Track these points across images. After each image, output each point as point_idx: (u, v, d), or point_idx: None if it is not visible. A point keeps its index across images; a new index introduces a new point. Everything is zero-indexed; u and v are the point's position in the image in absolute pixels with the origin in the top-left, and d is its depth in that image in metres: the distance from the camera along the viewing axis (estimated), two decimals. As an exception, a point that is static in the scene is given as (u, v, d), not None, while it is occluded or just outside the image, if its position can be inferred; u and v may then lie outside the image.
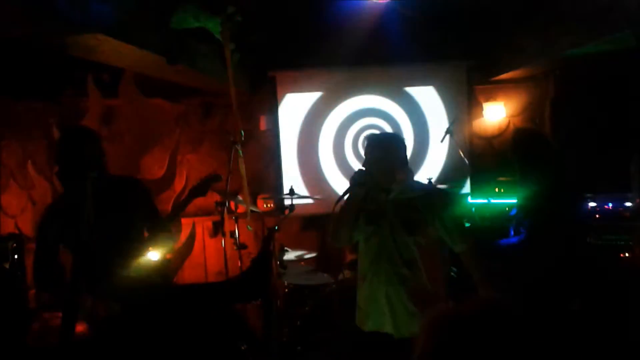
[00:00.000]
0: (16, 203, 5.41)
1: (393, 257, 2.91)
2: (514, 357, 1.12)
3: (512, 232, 4.40)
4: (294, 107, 7.01)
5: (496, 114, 7.04)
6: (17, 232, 4.92)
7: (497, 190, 6.22)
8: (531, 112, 7.09)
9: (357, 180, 2.88)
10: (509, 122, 7.10)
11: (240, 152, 4.51)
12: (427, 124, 7.07)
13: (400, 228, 2.90)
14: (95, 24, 3.34)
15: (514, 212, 5.30)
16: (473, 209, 6.23)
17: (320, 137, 7.03)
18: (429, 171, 6.85)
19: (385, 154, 2.93)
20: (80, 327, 2.73)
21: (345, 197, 2.92)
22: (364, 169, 2.95)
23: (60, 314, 2.77)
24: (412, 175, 3.13)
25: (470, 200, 6.45)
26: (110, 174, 3.13)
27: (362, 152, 6.90)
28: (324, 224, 6.44)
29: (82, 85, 5.37)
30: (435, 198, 3.00)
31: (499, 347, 1.11)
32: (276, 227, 5.08)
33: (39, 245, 3.08)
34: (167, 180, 6.37)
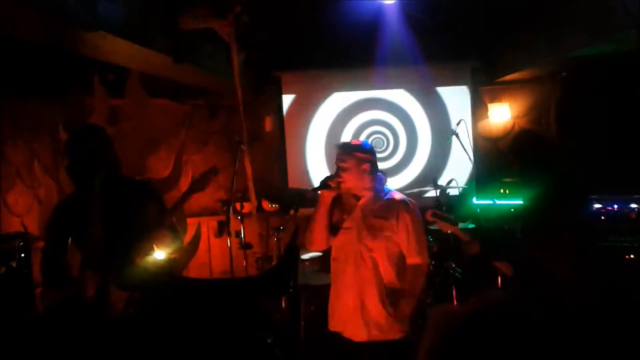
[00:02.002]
0: (22, 202, 5.43)
1: (362, 261, 2.99)
2: (520, 355, 1.11)
3: (519, 233, 4.39)
4: (299, 108, 7.03)
5: (501, 115, 7.04)
6: (23, 230, 4.93)
7: (502, 191, 6.21)
8: (537, 113, 7.08)
9: (324, 184, 3.00)
10: (514, 123, 7.10)
11: (245, 152, 4.52)
12: (431, 125, 7.08)
13: (367, 233, 2.99)
14: (102, 23, 3.36)
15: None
16: (478, 210, 6.21)
17: (324, 136, 7.04)
18: (433, 172, 6.85)
19: (356, 161, 3.00)
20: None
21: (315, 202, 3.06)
22: (333, 174, 3.04)
23: None
24: (383, 181, 3.18)
25: (475, 201, 6.44)
26: (122, 175, 3.15)
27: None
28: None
29: (89, 85, 5.38)
30: (401, 207, 3.05)
31: (505, 346, 1.10)
32: (281, 227, 5.09)
33: (48, 241, 3.10)
34: (173, 180, 6.37)
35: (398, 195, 3.13)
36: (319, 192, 3.04)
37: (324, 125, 7.06)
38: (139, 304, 2.76)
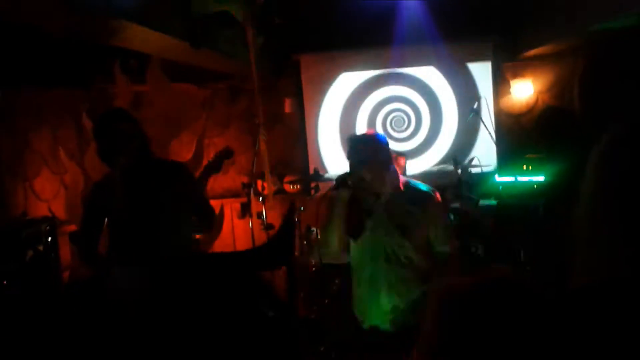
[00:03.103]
0: (49, 187, 5.55)
1: (390, 257, 2.89)
2: (525, 333, 1.08)
3: (542, 210, 4.36)
4: (318, 89, 7.03)
5: (524, 91, 6.95)
6: (50, 215, 5.06)
7: (525, 167, 6.15)
8: (560, 89, 6.96)
9: (341, 182, 2.86)
10: (537, 99, 7.00)
11: (264, 134, 4.55)
12: (455, 102, 7.02)
13: (393, 230, 2.87)
14: (118, 10, 3.40)
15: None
16: (500, 187, 6.17)
17: (344, 118, 7.04)
18: (456, 151, 6.82)
19: (374, 155, 2.86)
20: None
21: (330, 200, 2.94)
22: (349, 171, 2.89)
23: None
24: (396, 174, 3.01)
25: (497, 178, 6.39)
26: (154, 156, 3.19)
27: (391, 131, 7.00)
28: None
29: (111, 72, 5.46)
30: (425, 198, 2.94)
31: (507, 322, 1.07)
32: (301, 208, 5.13)
33: (84, 220, 3.19)
34: (195, 163, 6.46)
35: (419, 185, 3.01)
36: (335, 191, 2.89)
37: (341, 105, 7.05)
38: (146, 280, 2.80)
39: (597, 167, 1.13)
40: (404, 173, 4.93)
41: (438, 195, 3.00)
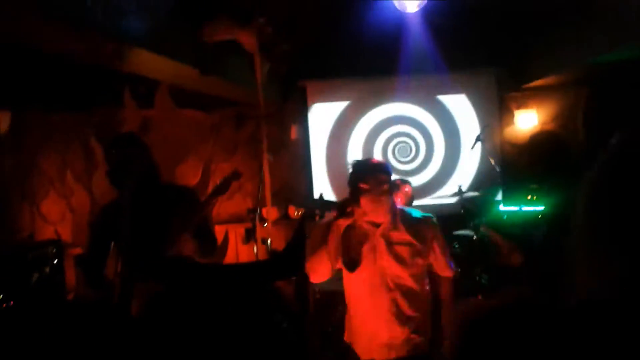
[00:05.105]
0: (56, 210, 5.59)
1: (390, 288, 2.83)
2: (545, 351, 1.11)
3: (543, 239, 4.37)
4: (324, 116, 7.10)
5: (528, 121, 7.00)
6: (56, 238, 5.09)
7: (529, 197, 6.17)
8: (564, 119, 7.02)
9: (341, 210, 2.79)
10: (540, 130, 7.05)
11: (269, 160, 4.58)
12: (459, 131, 7.07)
13: (392, 259, 2.82)
14: (128, 36, 3.46)
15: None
16: (504, 217, 6.19)
17: (350, 144, 7.10)
18: (460, 179, 6.84)
19: (376, 184, 2.78)
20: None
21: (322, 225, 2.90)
22: (349, 198, 2.83)
23: None
24: (394, 203, 2.97)
25: (502, 207, 6.41)
26: (161, 180, 3.25)
27: (392, 158, 7.04)
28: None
29: (119, 97, 5.54)
30: (424, 227, 2.92)
31: (530, 341, 1.11)
32: (306, 235, 5.13)
33: (91, 243, 3.25)
34: (201, 188, 6.50)
35: (414, 213, 2.98)
36: (335, 220, 2.80)
37: (346, 132, 7.11)
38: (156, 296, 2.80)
39: (587, 195, 1.16)
40: (410, 202, 4.94)
41: (435, 221, 2.98)
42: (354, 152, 7.04)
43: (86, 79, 4.73)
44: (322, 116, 7.11)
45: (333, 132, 7.11)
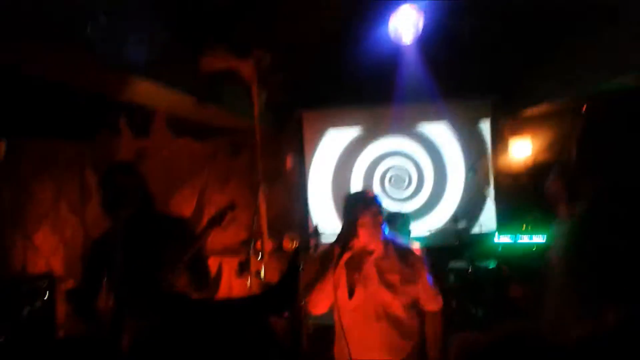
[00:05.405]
0: (49, 243, 5.50)
1: (380, 316, 2.87)
2: None
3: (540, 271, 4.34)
4: (320, 146, 7.10)
5: (523, 150, 7.02)
6: (48, 271, 5.01)
7: (524, 228, 6.14)
8: (558, 148, 7.03)
9: (345, 244, 2.82)
10: (535, 159, 7.06)
11: (264, 192, 4.55)
12: (452, 161, 7.08)
13: (386, 291, 2.86)
14: (126, 64, 3.45)
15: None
16: (500, 249, 6.14)
17: (346, 175, 7.09)
18: (457, 210, 6.83)
19: (373, 215, 2.86)
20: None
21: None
22: (348, 232, 2.86)
23: None
24: (383, 232, 3.00)
25: (496, 239, 6.36)
26: (156, 211, 3.22)
27: (388, 189, 7.02)
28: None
29: (115, 125, 5.51)
30: (413, 258, 2.97)
31: None
32: (301, 267, 5.07)
33: (83, 275, 3.19)
34: (195, 219, 6.44)
35: (404, 245, 3.06)
36: (340, 254, 2.82)
37: (342, 162, 7.11)
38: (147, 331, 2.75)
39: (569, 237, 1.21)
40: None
41: (421, 254, 3.10)
42: (352, 182, 7.03)
43: (83, 107, 4.71)
44: (319, 146, 7.11)
45: (330, 161, 7.10)
